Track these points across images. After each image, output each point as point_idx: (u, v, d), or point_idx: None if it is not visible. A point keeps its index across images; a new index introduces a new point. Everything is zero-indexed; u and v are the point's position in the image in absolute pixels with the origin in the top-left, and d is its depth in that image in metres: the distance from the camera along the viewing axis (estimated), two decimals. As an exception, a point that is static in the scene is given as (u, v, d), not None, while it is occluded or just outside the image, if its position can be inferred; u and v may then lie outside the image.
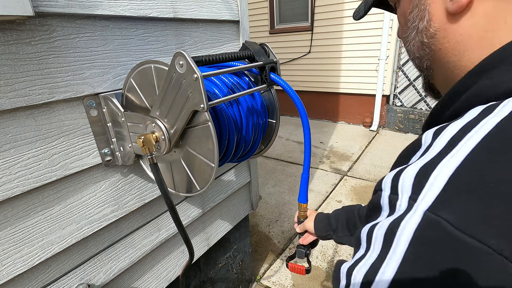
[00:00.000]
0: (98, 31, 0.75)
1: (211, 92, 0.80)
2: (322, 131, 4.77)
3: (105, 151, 0.83)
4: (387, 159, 3.62)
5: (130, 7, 0.80)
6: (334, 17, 4.49)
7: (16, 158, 0.67)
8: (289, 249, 2.29)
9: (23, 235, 0.72)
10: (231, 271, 1.70)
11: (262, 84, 0.88)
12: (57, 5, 0.65)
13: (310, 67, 5.05)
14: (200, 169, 0.75)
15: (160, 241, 1.09)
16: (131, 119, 0.77)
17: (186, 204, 1.16)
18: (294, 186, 3.16)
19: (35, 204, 0.73)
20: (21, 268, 0.73)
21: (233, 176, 1.38)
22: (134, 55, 0.85)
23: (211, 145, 0.68)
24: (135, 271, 1.05)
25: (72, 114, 0.75)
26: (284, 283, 1.99)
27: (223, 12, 1.08)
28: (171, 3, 0.90)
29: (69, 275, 0.84)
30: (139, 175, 0.95)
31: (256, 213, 2.74)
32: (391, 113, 4.52)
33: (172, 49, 0.95)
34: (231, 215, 1.45)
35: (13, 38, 0.61)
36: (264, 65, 0.85)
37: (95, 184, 0.84)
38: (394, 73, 4.33)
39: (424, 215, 0.29)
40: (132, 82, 0.76)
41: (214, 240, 1.38)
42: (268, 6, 5.10)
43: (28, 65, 0.64)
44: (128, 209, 0.94)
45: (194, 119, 0.68)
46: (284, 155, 3.94)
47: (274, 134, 1.01)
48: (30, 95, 0.65)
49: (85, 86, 0.75)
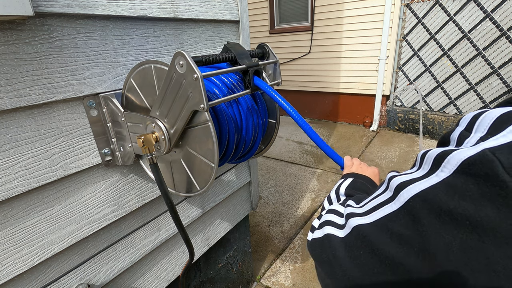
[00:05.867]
0: (98, 31, 0.75)
1: (211, 92, 0.80)
2: (322, 131, 4.76)
3: (105, 151, 0.83)
4: (387, 159, 3.62)
5: (130, 7, 0.80)
6: (334, 17, 4.48)
7: (16, 158, 0.67)
8: (289, 249, 2.29)
9: (23, 235, 0.72)
10: (231, 271, 1.69)
11: (246, 88, 0.80)
12: (57, 5, 0.65)
13: (310, 67, 5.05)
14: (200, 169, 0.75)
15: (160, 241, 1.09)
16: (131, 119, 0.77)
17: (186, 204, 1.16)
18: (294, 186, 3.16)
19: (35, 204, 0.73)
20: (21, 268, 0.73)
21: (233, 176, 1.38)
22: (134, 55, 0.85)
23: (211, 145, 0.68)
24: (135, 271, 1.05)
25: (72, 114, 0.75)
26: (284, 283, 1.99)
27: (223, 12, 1.08)
28: (171, 3, 0.90)
29: (69, 275, 0.84)
30: (139, 175, 0.95)
31: (256, 213, 2.74)
32: (391, 113, 4.52)
33: (172, 49, 0.95)
34: (231, 215, 1.45)
35: (13, 38, 0.61)
36: (247, 68, 0.77)
37: (95, 184, 0.84)
38: (394, 73, 4.33)
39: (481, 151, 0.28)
40: (132, 82, 0.76)
41: (214, 240, 1.38)
42: (268, 6, 5.10)
43: (28, 65, 0.64)
44: (128, 209, 0.94)
45: (194, 119, 0.68)
46: (284, 155, 3.94)
47: (274, 134, 1.01)
48: (30, 95, 0.65)
49: (85, 86, 0.75)
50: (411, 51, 4.07)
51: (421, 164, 0.36)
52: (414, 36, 3.99)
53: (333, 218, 0.50)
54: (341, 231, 0.45)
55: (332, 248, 0.44)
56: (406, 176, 0.36)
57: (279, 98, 0.76)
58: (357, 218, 0.42)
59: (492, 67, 3.50)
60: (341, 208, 0.51)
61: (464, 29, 3.56)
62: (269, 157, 3.88)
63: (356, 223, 0.41)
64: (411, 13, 3.92)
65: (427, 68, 4.00)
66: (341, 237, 0.44)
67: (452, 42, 3.69)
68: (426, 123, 4.20)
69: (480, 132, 0.31)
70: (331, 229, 0.47)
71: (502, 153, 0.27)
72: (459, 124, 0.35)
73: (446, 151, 0.31)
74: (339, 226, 0.47)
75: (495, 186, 0.27)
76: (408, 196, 0.34)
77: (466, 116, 0.35)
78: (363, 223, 0.40)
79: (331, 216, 0.51)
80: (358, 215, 0.42)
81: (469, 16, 3.49)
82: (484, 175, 0.27)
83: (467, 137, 0.32)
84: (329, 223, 0.49)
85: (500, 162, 0.26)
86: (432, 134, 4.18)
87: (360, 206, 0.44)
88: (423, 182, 0.33)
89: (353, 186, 0.64)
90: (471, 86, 3.72)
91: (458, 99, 3.87)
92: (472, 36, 3.53)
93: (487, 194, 0.27)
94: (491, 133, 0.29)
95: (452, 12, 3.59)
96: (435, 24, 3.76)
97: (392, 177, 0.39)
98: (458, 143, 0.33)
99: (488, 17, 3.37)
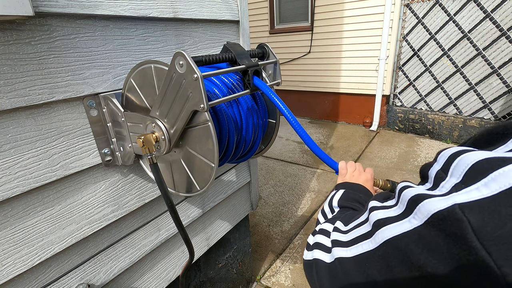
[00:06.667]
0: (98, 31, 0.75)
1: (211, 92, 0.80)
2: (322, 131, 4.77)
3: (105, 151, 0.83)
4: (387, 159, 3.62)
5: (130, 7, 0.80)
6: (334, 17, 4.49)
7: (16, 158, 0.67)
8: (289, 249, 2.29)
9: (23, 235, 0.72)
10: (231, 271, 1.69)
11: (245, 89, 0.80)
12: (57, 5, 0.65)
13: (310, 67, 5.05)
14: (200, 169, 0.75)
15: (160, 241, 1.09)
16: (131, 119, 0.77)
17: (186, 204, 1.16)
18: (294, 186, 3.16)
19: (35, 204, 0.73)
20: (21, 268, 0.73)
21: (233, 176, 1.38)
22: (134, 55, 0.85)
23: (211, 145, 0.68)
24: (135, 271, 1.05)
25: (72, 114, 0.75)
26: (284, 283, 1.99)
27: (223, 12, 1.08)
28: (171, 3, 0.90)
29: (69, 275, 0.84)
30: (139, 175, 0.95)
31: (256, 213, 2.74)
32: (391, 113, 4.52)
33: (172, 49, 0.95)
34: (231, 215, 1.45)
35: (13, 38, 0.61)
36: (247, 68, 0.77)
37: (95, 184, 0.84)
38: (394, 73, 4.33)
39: (451, 207, 0.27)
40: (132, 82, 0.76)
41: (214, 240, 1.38)
42: (268, 6, 5.10)
43: (28, 65, 0.64)
44: (128, 209, 0.94)
45: (194, 119, 0.68)
46: (284, 155, 3.94)
47: (274, 134, 1.01)
48: (30, 95, 0.65)
49: (85, 86, 0.75)
50: (411, 51, 4.07)
51: (398, 200, 0.36)
52: (414, 36, 3.99)
53: (322, 240, 0.51)
54: (327, 255, 0.47)
55: (319, 277, 0.47)
56: (384, 212, 0.37)
57: (276, 99, 0.76)
58: (340, 249, 0.44)
59: (492, 67, 3.50)
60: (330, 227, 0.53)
61: (464, 29, 3.56)
62: (269, 157, 3.88)
63: (339, 255, 0.44)
64: (411, 13, 3.92)
65: (427, 68, 4.00)
66: (327, 262, 0.46)
67: (452, 42, 3.69)
68: (426, 123, 4.20)
69: (455, 177, 0.30)
70: (319, 254, 0.49)
71: (471, 212, 0.26)
72: (437, 161, 0.34)
73: (419, 196, 0.31)
74: (326, 249, 0.48)
75: (464, 250, 0.26)
76: (383, 239, 0.35)
77: (444, 153, 0.33)
78: (344, 256, 0.42)
79: (320, 237, 0.52)
80: (342, 244, 0.44)
81: (469, 16, 3.49)
82: (454, 235, 0.27)
83: (443, 179, 0.31)
84: (318, 246, 0.51)
85: (470, 223, 0.25)
86: (432, 134, 4.18)
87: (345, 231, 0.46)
88: (396, 226, 0.33)
89: (345, 197, 0.65)
90: (471, 86, 3.72)
91: (458, 99, 3.87)
92: (472, 36, 3.53)
93: (456, 256, 0.27)
94: (465, 182, 0.28)
95: (452, 12, 3.59)
96: (435, 24, 3.76)
97: (372, 208, 0.40)
98: (434, 184, 0.32)
99: (488, 17, 3.37)
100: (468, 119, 3.83)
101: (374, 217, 0.38)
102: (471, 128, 3.83)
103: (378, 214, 0.38)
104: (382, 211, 0.38)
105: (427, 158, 3.58)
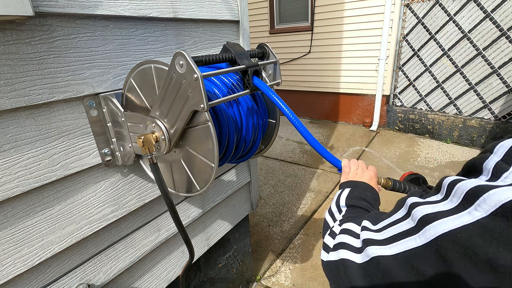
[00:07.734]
0: (98, 31, 0.75)
1: (211, 92, 0.80)
2: (322, 131, 4.77)
3: (105, 151, 0.83)
4: (387, 159, 3.62)
5: (130, 7, 0.80)
6: (334, 17, 4.49)
7: (16, 158, 0.67)
8: (289, 249, 2.29)
9: (23, 235, 0.72)
10: (231, 271, 1.69)
11: (245, 89, 0.80)
12: (57, 5, 0.65)
13: (310, 67, 5.05)
14: (200, 169, 0.75)
15: (160, 241, 1.09)
16: (131, 119, 0.77)
17: (186, 204, 1.16)
18: (294, 186, 3.16)
19: (35, 204, 0.73)
20: (21, 268, 0.73)
21: (233, 176, 1.38)
22: (134, 55, 0.85)
23: (211, 145, 0.68)
24: (135, 271, 1.05)
25: (72, 114, 0.75)
26: (284, 283, 1.99)
27: (223, 12, 1.08)
28: (171, 3, 0.90)
29: (69, 275, 0.84)
30: (139, 175, 0.95)
31: (256, 213, 2.74)
32: (391, 113, 4.52)
33: (172, 49, 0.95)
34: (231, 215, 1.45)
35: (13, 38, 0.61)
36: (247, 68, 0.77)
37: (95, 184, 0.84)
38: (394, 73, 4.33)
39: None
40: (132, 82, 0.76)
41: (214, 240, 1.38)
42: (268, 6, 5.10)
43: (28, 65, 0.64)
44: (128, 209, 0.94)
45: (194, 119, 0.68)
46: (284, 155, 3.94)
47: (274, 134, 1.01)
48: (30, 95, 0.65)
49: (85, 86, 0.75)
50: (411, 51, 4.07)
51: (448, 194, 0.34)
52: (414, 36, 3.99)
53: (348, 240, 0.48)
54: (358, 255, 0.44)
55: (349, 277, 0.44)
56: (430, 207, 0.35)
57: (277, 98, 0.76)
58: (377, 247, 0.41)
59: (492, 67, 3.50)
60: (356, 228, 0.50)
61: (464, 29, 3.56)
62: (269, 157, 3.88)
63: (376, 253, 0.40)
64: (411, 13, 3.92)
65: (427, 68, 4.00)
66: (358, 263, 0.43)
67: (452, 42, 3.69)
68: (426, 123, 4.20)
69: None
70: (346, 253, 0.46)
71: None
72: (493, 152, 0.32)
73: (482, 187, 0.29)
74: (356, 249, 0.46)
75: None
76: (436, 234, 0.32)
77: (502, 144, 0.32)
78: (383, 254, 0.39)
79: (346, 237, 0.49)
80: (377, 242, 0.41)
81: (469, 16, 3.49)
82: None
83: (506, 170, 0.29)
84: (344, 246, 0.48)
85: None
86: (432, 134, 4.18)
87: (377, 229, 0.43)
88: (452, 219, 0.31)
89: (352, 196, 0.65)
90: (471, 86, 3.72)
91: (458, 99, 3.87)
92: (472, 36, 3.53)
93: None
94: None
95: (452, 12, 3.59)
96: (435, 24, 3.76)
97: (414, 204, 0.38)
98: (493, 176, 0.31)
99: (488, 17, 3.37)
100: (468, 119, 3.83)
101: (419, 213, 0.36)
102: (471, 128, 3.83)
103: (424, 209, 0.36)
104: (429, 206, 0.35)
105: (427, 158, 3.58)
